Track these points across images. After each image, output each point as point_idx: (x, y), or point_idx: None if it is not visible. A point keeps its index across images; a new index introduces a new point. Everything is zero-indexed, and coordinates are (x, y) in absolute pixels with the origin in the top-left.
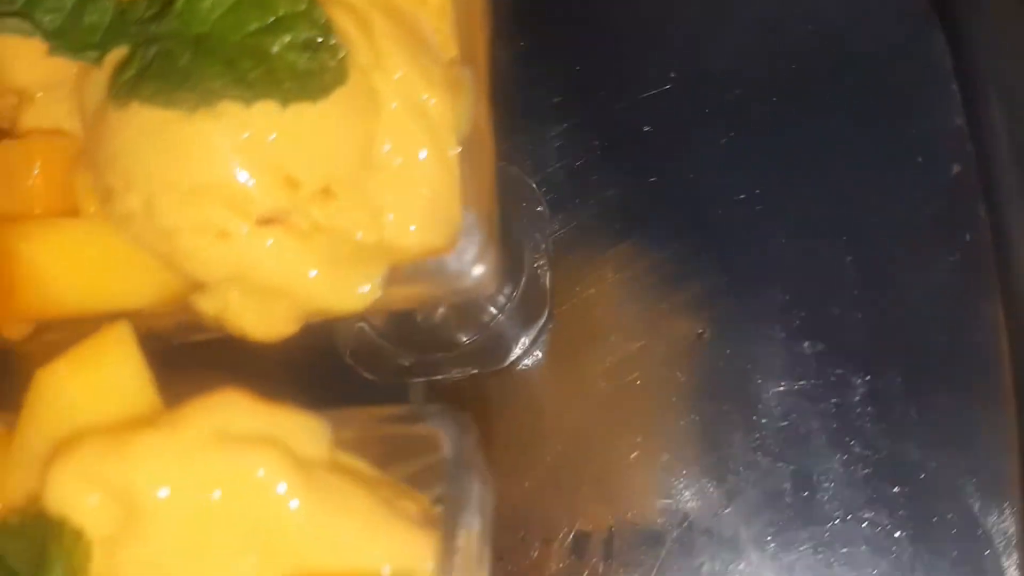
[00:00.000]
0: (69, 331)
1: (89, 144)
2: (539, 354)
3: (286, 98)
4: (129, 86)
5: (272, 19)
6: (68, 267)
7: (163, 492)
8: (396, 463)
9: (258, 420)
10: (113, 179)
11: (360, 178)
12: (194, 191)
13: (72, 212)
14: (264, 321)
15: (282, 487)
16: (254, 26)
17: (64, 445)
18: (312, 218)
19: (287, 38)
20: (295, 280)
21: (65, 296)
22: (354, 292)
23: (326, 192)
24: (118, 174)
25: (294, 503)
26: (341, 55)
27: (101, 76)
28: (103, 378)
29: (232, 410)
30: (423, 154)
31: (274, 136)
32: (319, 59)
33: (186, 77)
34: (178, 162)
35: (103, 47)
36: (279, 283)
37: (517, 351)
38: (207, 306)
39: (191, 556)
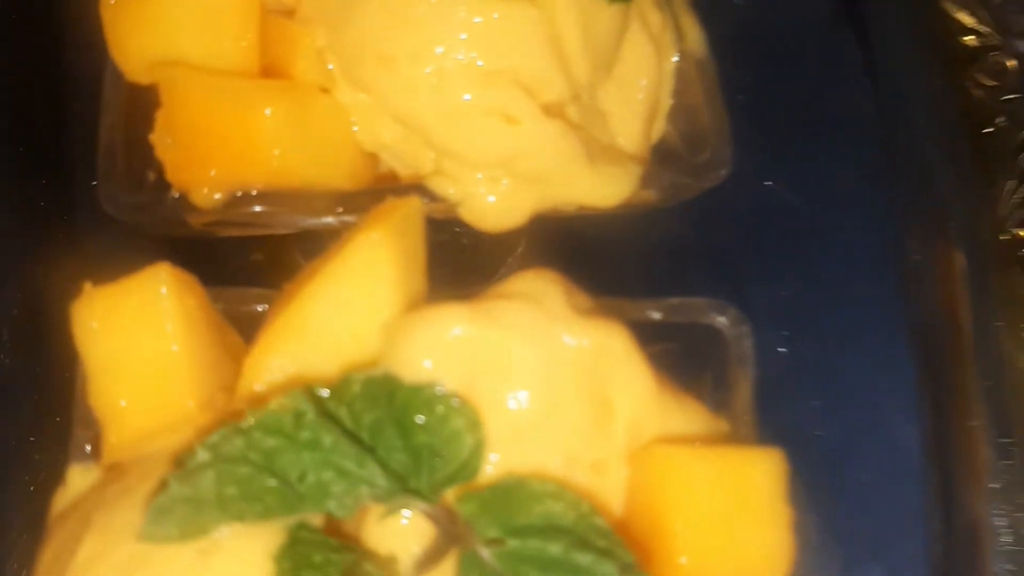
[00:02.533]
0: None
1: (333, 4)
2: None
3: None
4: None
5: None
6: (296, 134)
7: (531, 351)
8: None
9: (588, 300)
10: (394, 48)
11: (599, 84)
12: (493, 72)
13: (275, 74)
14: (506, 209)
15: (632, 356)
16: None
17: (418, 312)
18: (570, 115)
19: None
20: (565, 169)
21: (282, 162)
22: (610, 188)
23: (577, 94)
24: (404, 44)
25: (640, 370)
26: None
27: None
28: (408, 248)
29: (570, 288)
30: (644, 60)
31: (572, 28)
32: None
33: None
34: (485, 41)
35: None
36: (549, 170)
37: None
38: (447, 190)
39: (540, 409)
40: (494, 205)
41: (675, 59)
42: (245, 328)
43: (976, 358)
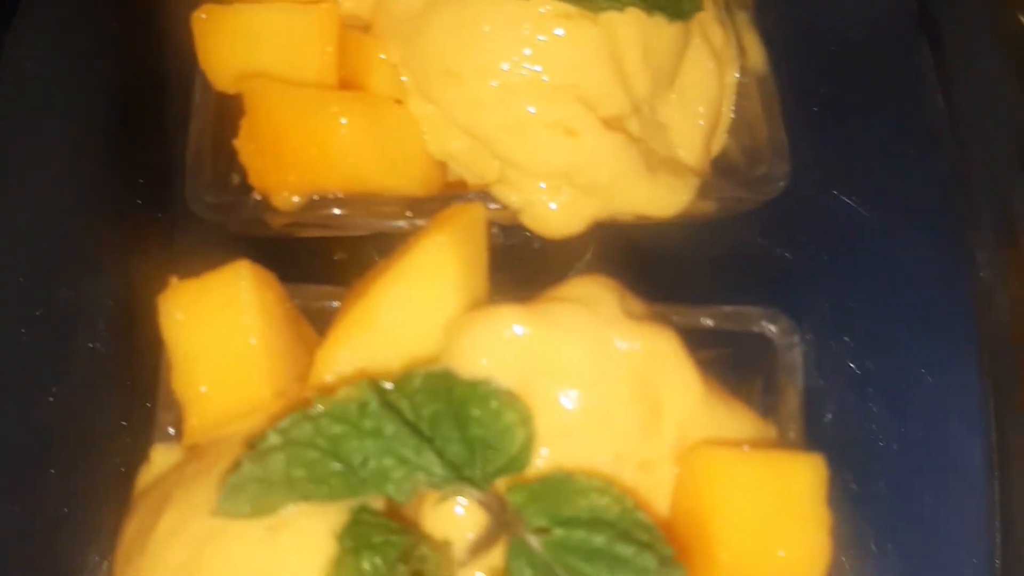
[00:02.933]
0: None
1: (406, 21)
2: None
3: (651, 7)
4: None
5: None
6: (370, 142)
7: (583, 353)
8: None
9: (641, 306)
10: (461, 63)
11: (660, 98)
12: (555, 88)
13: (352, 86)
14: (566, 217)
15: (681, 360)
16: None
17: (477, 312)
18: (630, 128)
19: None
20: (624, 180)
21: (356, 169)
22: (668, 199)
23: (637, 108)
24: (470, 59)
25: (689, 375)
26: None
27: None
28: (471, 251)
29: (624, 294)
30: (706, 75)
31: (633, 46)
32: None
33: None
34: (548, 58)
35: None
36: (608, 181)
37: None
38: (511, 198)
39: (591, 408)
40: (555, 213)
41: (736, 75)
42: (319, 323)
43: None
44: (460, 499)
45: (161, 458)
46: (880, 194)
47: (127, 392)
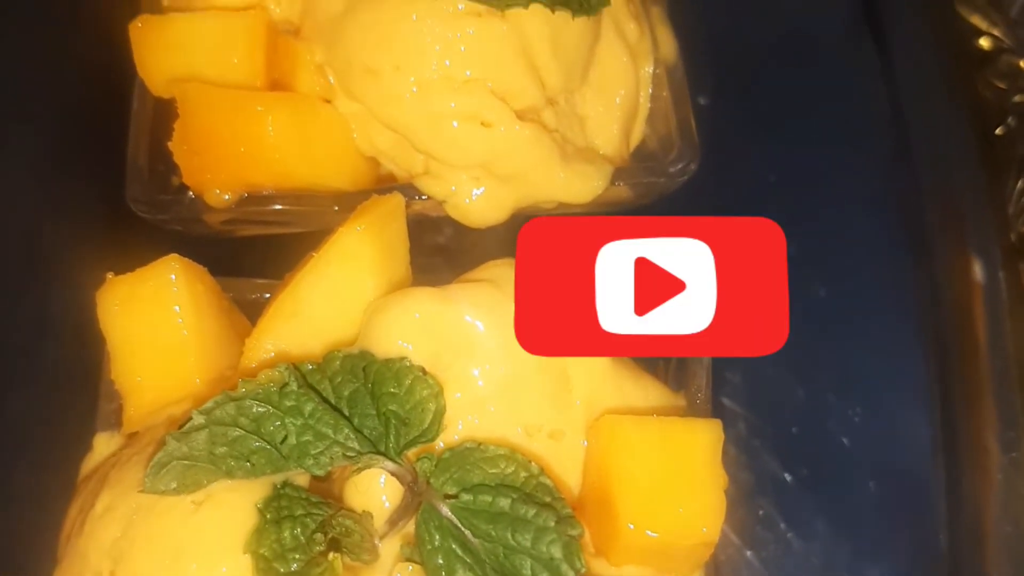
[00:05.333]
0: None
1: (328, 23)
2: None
3: (554, 3)
4: None
5: None
6: (297, 140)
7: (492, 330)
8: None
9: None
10: (379, 61)
11: (575, 91)
12: (468, 82)
13: (282, 87)
14: (488, 207)
15: None
16: None
17: (391, 295)
18: (545, 120)
19: None
20: (540, 168)
21: (285, 166)
22: (583, 185)
23: (552, 99)
24: (387, 57)
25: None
26: None
27: None
28: (390, 239)
29: None
30: (621, 68)
31: (541, 40)
32: None
33: None
34: (459, 54)
35: None
36: (524, 170)
37: None
38: (434, 190)
39: (501, 382)
40: (476, 203)
41: (651, 68)
42: (254, 314)
43: (987, 353)
44: (380, 474)
45: (103, 446)
46: (824, 181)
47: (89, 392)
